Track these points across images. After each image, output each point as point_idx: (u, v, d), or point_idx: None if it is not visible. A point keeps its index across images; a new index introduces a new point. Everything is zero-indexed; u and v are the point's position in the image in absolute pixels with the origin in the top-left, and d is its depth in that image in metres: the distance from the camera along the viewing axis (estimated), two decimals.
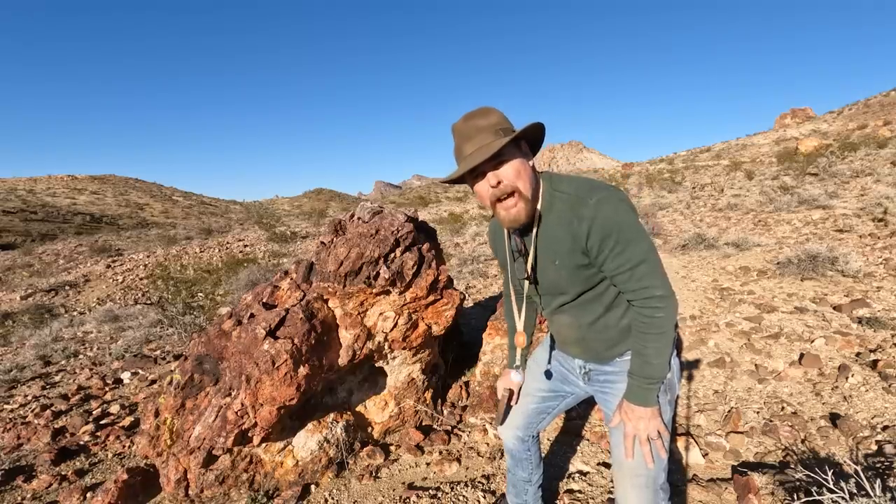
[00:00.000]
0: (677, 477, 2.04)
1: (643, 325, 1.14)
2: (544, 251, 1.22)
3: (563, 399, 1.50)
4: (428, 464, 2.32)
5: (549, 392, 1.50)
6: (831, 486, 1.54)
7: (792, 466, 1.97)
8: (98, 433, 2.90)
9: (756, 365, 2.95)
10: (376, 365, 2.56)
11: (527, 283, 1.30)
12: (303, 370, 2.05)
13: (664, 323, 1.12)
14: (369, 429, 2.55)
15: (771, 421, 2.35)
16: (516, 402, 1.54)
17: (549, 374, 1.49)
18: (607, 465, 2.15)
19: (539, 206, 1.19)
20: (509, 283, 1.43)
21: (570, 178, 1.19)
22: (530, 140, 1.20)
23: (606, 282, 1.20)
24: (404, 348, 2.45)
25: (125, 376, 3.96)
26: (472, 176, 1.14)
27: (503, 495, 2.01)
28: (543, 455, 2.29)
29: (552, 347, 1.52)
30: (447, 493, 2.06)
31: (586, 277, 1.19)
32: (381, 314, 2.37)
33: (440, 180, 1.23)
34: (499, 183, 1.11)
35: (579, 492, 2.00)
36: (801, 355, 2.93)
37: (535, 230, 1.21)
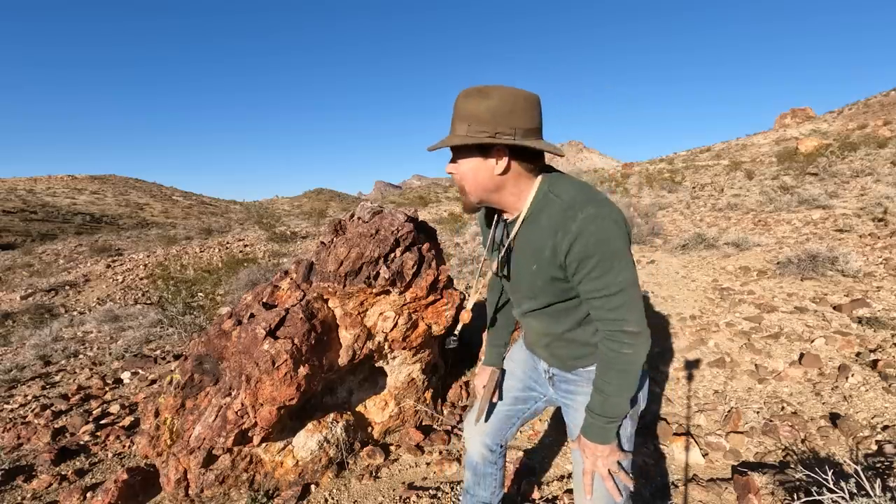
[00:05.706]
0: (677, 477, 2.04)
1: (607, 359, 1.06)
2: (525, 252, 1.13)
3: (533, 402, 1.43)
4: (428, 464, 2.32)
5: (521, 392, 1.43)
6: (831, 486, 1.54)
7: (792, 466, 1.97)
8: (98, 433, 2.90)
9: (756, 365, 2.95)
10: (376, 365, 2.56)
11: (504, 279, 1.26)
12: (303, 370, 2.05)
13: (631, 360, 1.04)
14: (369, 429, 2.55)
15: (771, 421, 2.35)
16: (499, 399, 1.45)
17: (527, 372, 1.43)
18: None
19: (528, 206, 1.09)
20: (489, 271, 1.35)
21: (572, 182, 1.06)
22: (518, 150, 1.05)
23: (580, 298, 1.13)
24: (404, 348, 2.46)
25: (125, 376, 3.95)
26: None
27: (504, 496, 2.01)
28: (543, 455, 2.30)
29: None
30: (447, 493, 2.06)
31: (560, 290, 1.11)
32: (381, 314, 2.37)
33: (428, 147, 1.11)
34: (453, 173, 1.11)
35: None
36: (801, 355, 2.93)
37: (515, 230, 1.12)
